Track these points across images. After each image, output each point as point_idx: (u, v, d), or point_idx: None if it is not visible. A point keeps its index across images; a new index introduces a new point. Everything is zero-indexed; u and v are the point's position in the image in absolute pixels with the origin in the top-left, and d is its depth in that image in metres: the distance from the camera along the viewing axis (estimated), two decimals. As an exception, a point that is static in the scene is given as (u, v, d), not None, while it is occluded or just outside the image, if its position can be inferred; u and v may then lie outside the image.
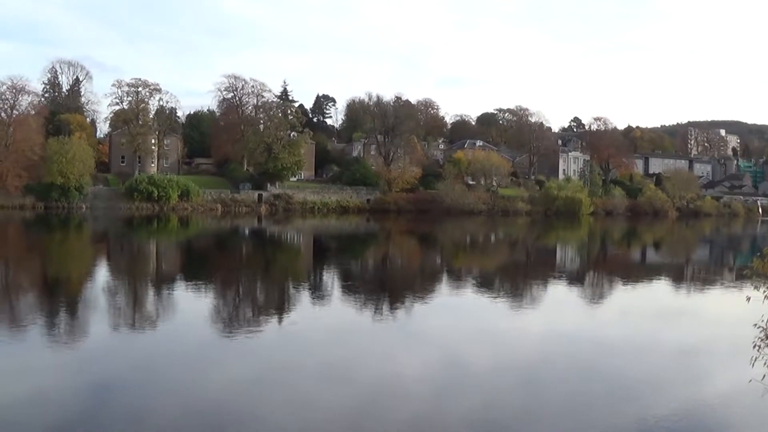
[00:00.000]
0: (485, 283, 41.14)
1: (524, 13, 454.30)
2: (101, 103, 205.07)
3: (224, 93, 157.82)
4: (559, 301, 34.67)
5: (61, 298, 31.76)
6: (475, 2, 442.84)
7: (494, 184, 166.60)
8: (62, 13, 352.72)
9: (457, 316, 29.00)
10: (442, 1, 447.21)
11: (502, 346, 22.83)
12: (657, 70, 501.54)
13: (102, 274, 43.25)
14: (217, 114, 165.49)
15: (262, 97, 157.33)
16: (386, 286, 38.41)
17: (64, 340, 22.04)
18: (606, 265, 56.69)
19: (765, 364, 12.91)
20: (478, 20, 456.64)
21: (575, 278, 45.52)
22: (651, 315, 30.15)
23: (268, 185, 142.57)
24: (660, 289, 41.14)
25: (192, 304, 29.88)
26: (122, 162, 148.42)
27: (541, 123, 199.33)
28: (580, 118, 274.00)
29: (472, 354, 21.57)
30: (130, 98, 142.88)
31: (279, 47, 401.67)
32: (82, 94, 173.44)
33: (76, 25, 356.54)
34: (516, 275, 47.08)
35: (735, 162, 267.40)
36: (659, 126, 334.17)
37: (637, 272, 50.75)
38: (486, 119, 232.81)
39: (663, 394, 17.41)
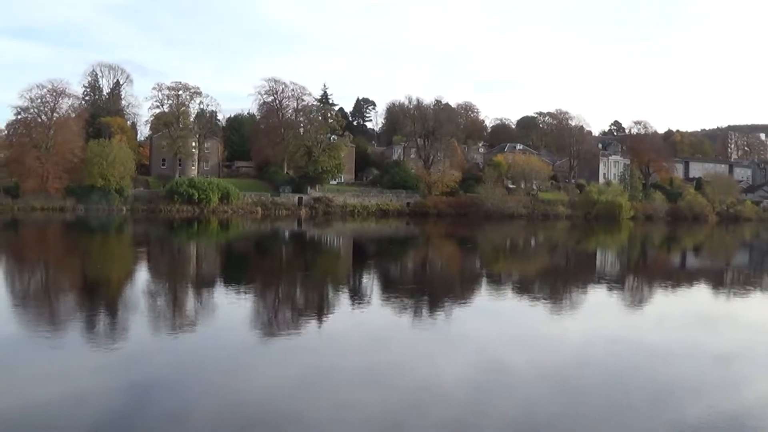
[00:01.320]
0: (525, 288, 40.94)
1: (563, 16, 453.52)
2: (142, 107, 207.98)
3: (264, 96, 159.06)
4: (598, 305, 34.48)
5: (101, 299, 31.93)
6: (514, 5, 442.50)
7: (534, 188, 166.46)
8: (103, 17, 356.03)
9: (497, 320, 28.93)
10: (480, 5, 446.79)
11: (541, 351, 22.71)
12: (697, 74, 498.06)
13: (142, 275, 43.48)
14: (258, 117, 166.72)
15: (303, 100, 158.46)
16: (426, 290, 38.28)
17: (103, 341, 22.18)
18: (646, 270, 56.28)
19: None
20: (517, 23, 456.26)
21: (615, 283, 45.18)
22: (690, 320, 29.93)
23: (308, 188, 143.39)
24: (700, 294, 40.81)
25: (232, 307, 29.97)
26: (163, 165, 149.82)
27: (582, 126, 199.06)
28: (620, 121, 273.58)
29: (511, 358, 21.53)
30: (170, 101, 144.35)
31: (319, 51, 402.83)
32: (122, 97, 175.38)
33: (117, 29, 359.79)
34: (556, 280, 46.84)
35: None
36: (699, 130, 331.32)
37: (677, 277, 50.30)
38: (526, 123, 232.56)
39: (702, 400, 17.39)
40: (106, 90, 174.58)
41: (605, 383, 18.51)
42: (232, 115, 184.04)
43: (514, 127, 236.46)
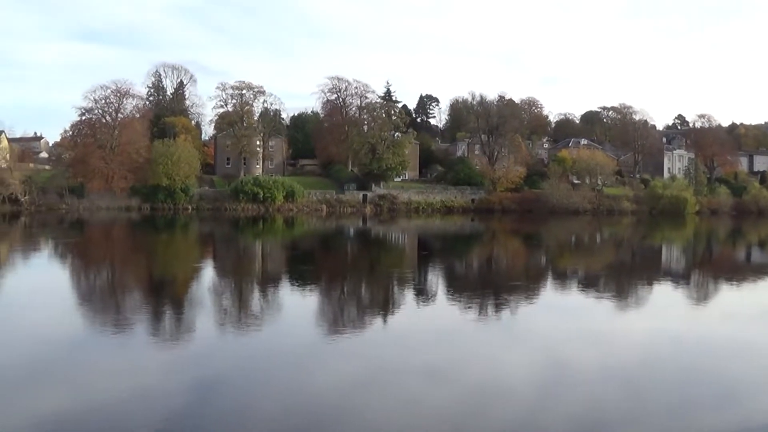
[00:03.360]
0: (590, 284, 40.80)
1: (627, 8, 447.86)
2: (206, 106, 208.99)
3: (328, 94, 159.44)
4: (663, 301, 34.31)
5: (167, 297, 32.51)
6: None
7: (599, 183, 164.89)
8: (166, 18, 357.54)
9: (562, 316, 28.95)
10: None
11: (606, 347, 22.81)
12: (761, 66, 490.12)
13: (208, 273, 44.11)
14: (321, 115, 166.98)
15: (366, 98, 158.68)
16: (491, 286, 38.24)
17: (169, 339, 22.66)
18: (712, 266, 55.68)
19: None
20: (579, 17, 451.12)
21: (681, 278, 44.84)
22: (757, 316, 29.57)
23: (373, 186, 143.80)
24: (766, 290, 40.23)
25: (297, 304, 30.44)
26: (227, 164, 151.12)
27: (645, 121, 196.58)
28: (684, 115, 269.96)
29: (576, 355, 21.63)
30: (234, 101, 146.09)
31: (381, 48, 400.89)
32: (186, 97, 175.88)
33: (180, 29, 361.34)
34: (621, 275, 46.59)
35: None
36: (763, 122, 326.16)
37: (743, 272, 49.70)
38: (590, 117, 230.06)
39: (768, 397, 17.15)
40: (169, 90, 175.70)
41: (671, 381, 18.50)
42: (296, 114, 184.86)
43: (577, 122, 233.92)
